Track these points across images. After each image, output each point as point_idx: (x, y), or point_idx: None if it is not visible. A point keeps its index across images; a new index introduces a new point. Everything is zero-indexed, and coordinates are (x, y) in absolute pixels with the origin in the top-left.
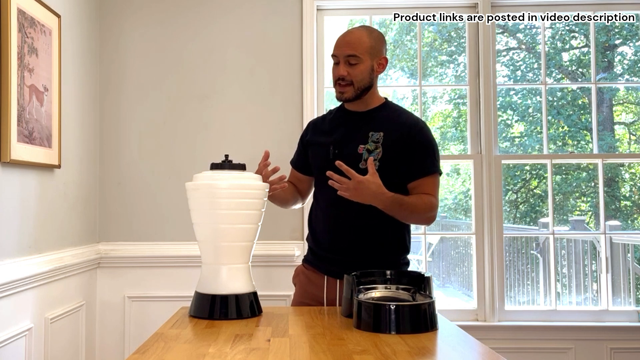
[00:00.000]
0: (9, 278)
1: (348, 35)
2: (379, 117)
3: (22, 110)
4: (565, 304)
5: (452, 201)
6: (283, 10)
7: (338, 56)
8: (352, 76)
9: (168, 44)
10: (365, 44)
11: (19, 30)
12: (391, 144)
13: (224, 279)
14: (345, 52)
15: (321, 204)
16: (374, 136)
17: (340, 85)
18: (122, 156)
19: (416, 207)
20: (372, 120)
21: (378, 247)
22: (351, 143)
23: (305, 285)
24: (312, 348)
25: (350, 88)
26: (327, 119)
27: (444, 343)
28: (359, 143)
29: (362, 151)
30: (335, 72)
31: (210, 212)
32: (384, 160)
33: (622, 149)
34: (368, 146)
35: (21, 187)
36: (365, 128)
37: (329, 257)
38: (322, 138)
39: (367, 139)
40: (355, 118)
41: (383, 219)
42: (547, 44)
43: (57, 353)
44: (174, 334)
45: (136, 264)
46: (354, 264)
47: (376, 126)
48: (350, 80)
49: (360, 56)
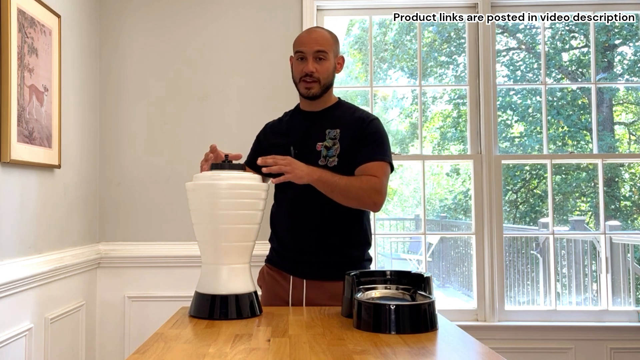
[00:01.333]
0: (9, 278)
1: (314, 32)
2: (334, 115)
3: (22, 110)
4: (565, 304)
5: (452, 201)
6: (283, 11)
7: (305, 52)
8: (320, 73)
9: (168, 44)
10: (330, 42)
11: (19, 30)
12: (347, 139)
13: (224, 279)
14: (314, 48)
15: (283, 205)
16: (330, 133)
17: (307, 81)
18: (122, 156)
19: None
20: (328, 118)
21: (342, 244)
22: (309, 141)
23: (272, 287)
24: (312, 348)
25: (317, 84)
26: (283, 120)
27: (444, 343)
28: (317, 141)
29: (320, 148)
30: (301, 68)
31: (210, 212)
32: (342, 155)
33: (622, 149)
34: (326, 143)
35: (21, 187)
36: (322, 126)
37: (293, 258)
38: (281, 139)
39: (324, 137)
40: (311, 117)
41: (344, 216)
42: (547, 44)
43: (57, 353)
44: (174, 334)
45: (136, 264)
46: (319, 263)
47: (332, 124)
48: (317, 77)
49: (328, 53)
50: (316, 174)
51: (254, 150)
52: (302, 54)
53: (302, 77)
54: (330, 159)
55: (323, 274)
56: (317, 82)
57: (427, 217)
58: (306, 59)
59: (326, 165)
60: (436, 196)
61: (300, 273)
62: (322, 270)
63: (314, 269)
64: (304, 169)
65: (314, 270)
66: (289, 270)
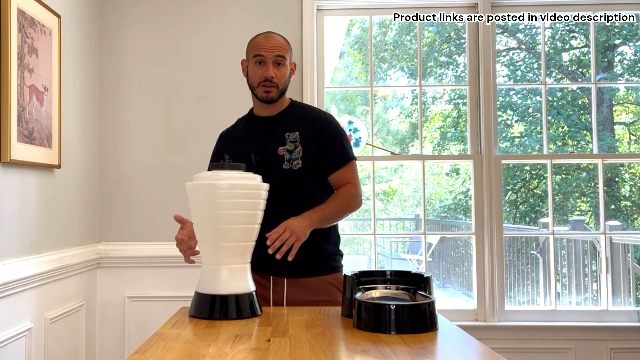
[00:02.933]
0: (9, 278)
1: (272, 37)
2: (290, 117)
3: (22, 110)
4: (565, 304)
5: (452, 201)
6: (283, 10)
7: (266, 57)
8: (278, 78)
9: (168, 44)
10: (287, 48)
11: (19, 30)
12: (307, 140)
13: (224, 279)
14: (274, 53)
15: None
16: (290, 136)
17: (266, 86)
18: (122, 156)
19: (339, 207)
20: (285, 121)
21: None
22: (270, 147)
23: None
24: (312, 348)
25: (275, 89)
26: (238, 128)
27: (444, 343)
28: (278, 145)
29: (282, 152)
30: (260, 73)
31: (210, 212)
32: (305, 157)
33: (622, 149)
34: (287, 147)
35: (21, 187)
36: (280, 130)
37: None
38: (238, 148)
39: (284, 140)
40: (268, 122)
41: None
42: (547, 44)
43: (57, 353)
44: (174, 334)
45: (136, 264)
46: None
47: (290, 126)
48: (276, 82)
49: (286, 59)
50: (312, 220)
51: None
52: (262, 59)
53: (261, 82)
54: (295, 162)
55: (302, 270)
56: (276, 87)
57: (427, 217)
58: (265, 64)
59: (291, 168)
60: (436, 196)
61: (280, 272)
62: (301, 266)
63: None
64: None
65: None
66: (268, 271)
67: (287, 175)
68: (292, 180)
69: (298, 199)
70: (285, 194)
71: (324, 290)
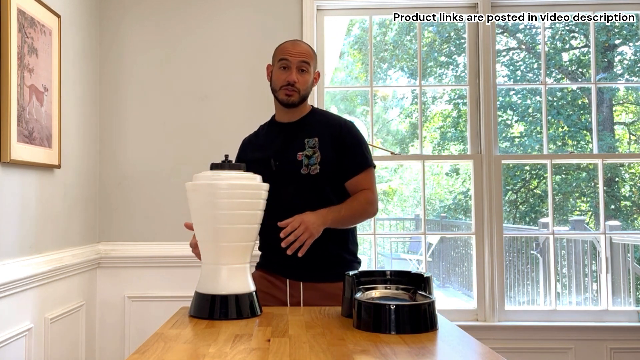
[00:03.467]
0: (9, 278)
1: (298, 44)
2: (310, 123)
3: (22, 110)
4: (565, 304)
5: (452, 201)
6: (283, 10)
7: (290, 62)
8: (301, 83)
9: (168, 44)
10: (313, 56)
11: (19, 30)
12: (326, 146)
13: (224, 279)
14: (299, 59)
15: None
16: (309, 142)
17: (288, 90)
18: (122, 156)
19: (355, 210)
20: (304, 127)
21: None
22: (289, 152)
23: (268, 289)
24: (312, 348)
25: (297, 94)
26: (260, 134)
27: (444, 343)
28: (297, 151)
29: (301, 158)
30: (284, 77)
31: (210, 212)
32: (323, 163)
33: (622, 149)
34: (306, 152)
35: (21, 187)
36: (300, 136)
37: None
38: (260, 153)
39: (304, 146)
40: (288, 128)
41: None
42: (547, 44)
43: (57, 353)
44: (174, 334)
45: (136, 264)
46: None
47: (310, 132)
48: (298, 87)
49: (310, 66)
50: (327, 219)
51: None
52: (287, 63)
53: (284, 86)
54: (312, 167)
55: (319, 275)
56: (298, 92)
57: (427, 217)
58: (290, 69)
59: (309, 174)
60: (436, 196)
61: (296, 276)
62: (317, 272)
63: (309, 272)
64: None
65: (309, 272)
66: (285, 274)
67: (305, 180)
68: (309, 185)
69: (314, 203)
70: (302, 198)
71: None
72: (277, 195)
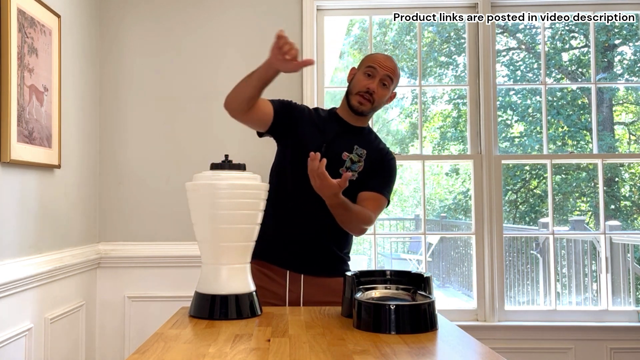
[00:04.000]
0: (9, 278)
1: (390, 60)
2: (365, 136)
3: (22, 110)
4: (565, 304)
5: (452, 201)
6: (283, 10)
7: (378, 71)
8: (378, 95)
9: (168, 44)
10: (398, 76)
11: (19, 30)
12: (370, 163)
13: (223, 279)
14: (386, 72)
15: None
16: (358, 150)
17: (364, 97)
18: (122, 156)
19: (357, 215)
20: (359, 135)
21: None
22: (339, 147)
23: (266, 284)
24: (312, 348)
25: (370, 104)
26: (319, 113)
27: (444, 343)
28: (345, 150)
29: (346, 158)
30: (365, 83)
31: (210, 212)
32: (361, 174)
33: (622, 149)
34: (352, 156)
35: (21, 187)
36: (353, 140)
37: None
38: (314, 132)
39: (352, 149)
40: (346, 127)
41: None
42: (547, 44)
43: (57, 353)
44: (174, 334)
45: (136, 264)
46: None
47: (362, 143)
48: (374, 98)
49: (392, 83)
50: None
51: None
52: (373, 72)
53: (361, 92)
54: (351, 173)
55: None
56: (371, 102)
57: (427, 217)
58: (373, 77)
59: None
60: (436, 196)
61: (297, 268)
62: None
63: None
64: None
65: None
66: (286, 266)
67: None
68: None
69: None
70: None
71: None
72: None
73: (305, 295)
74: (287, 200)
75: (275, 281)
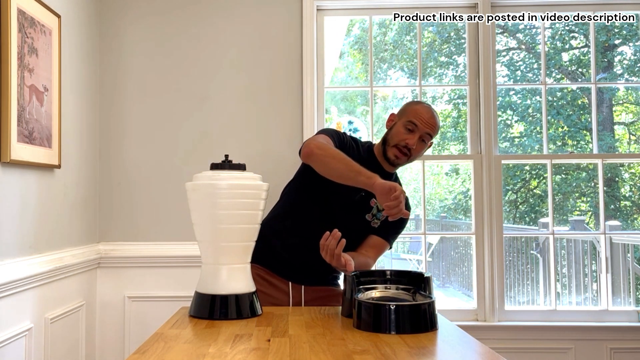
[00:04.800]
0: (9, 278)
1: (433, 116)
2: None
3: (22, 110)
4: (565, 304)
5: (451, 201)
6: (283, 10)
7: (419, 128)
8: (415, 152)
9: (168, 44)
10: (437, 131)
11: (19, 30)
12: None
13: (224, 279)
14: (427, 130)
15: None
16: None
17: (402, 152)
18: (122, 156)
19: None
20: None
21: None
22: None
23: (269, 290)
24: (312, 348)
25: (406, 159)
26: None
27: (444, 343)
28: (372, 197)
29: (373, 205)
30: (405, 138)
31: (210, 212)
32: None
33: (622, 149)
34: (378, 205)
35: (21, 187)
36: None
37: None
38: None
39: None
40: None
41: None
42: (547, 44)
43: (57, 353)
44: (174, 334)
45: (136, 264)
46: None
47: None
48: (411, 154)
49: (432, 139)
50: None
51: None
52: (415, 128)
53: (400, 145)
54: (375, 221)
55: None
56: (407, 157)
57: (427, 217)
58: (414, 133)
59: (369, 223)
60: (436, 196)
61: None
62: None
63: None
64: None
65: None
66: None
67: (362, 224)
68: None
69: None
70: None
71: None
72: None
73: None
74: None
75: (276, 287)
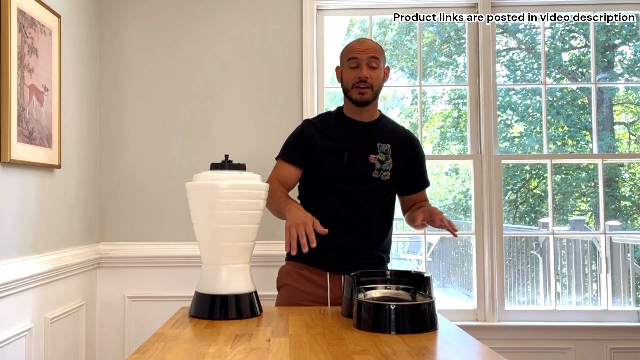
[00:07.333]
0: (9, 278)
1: (365, 42)
2: (382, 128)
3: (22, 110)
4: (565, 304)
5: (451, 201)
6: (283, 10)
7: (360, 59)
8: (373, 79)
9: (168, 44)
10: (380, 51)
11: (19, 30)
12: (398, 156)
13: (224, 279)
14: (368, 55)
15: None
16: (382, 147)
17: (361, 87)
18: (122, 156)
19: None
20: (376, 130)
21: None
22: (363, 152)
23: (304, 286)
24: (312, 348)
25: (370, 90)
26: (327, 122)
27: (444, 343)
28: (370, 153)
29: (373, 161)
30: (356, 74)
31: (210, 212)
32: (394, 171)
33: (622, 149)
34: (379, 157)
35: (21, 187)
36: (372, 138)
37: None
38: (330, 143)
39: (376, 150)
40: (361, 127)
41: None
42: (547, 44)
43: (57, 353)
44: (174, 334)
45: (136, 264)
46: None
47: (382, 137)
48: (371, 83)
49: (380, 61)
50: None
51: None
52: (357, 61)
53: (356, 84)
54: (384, 173)
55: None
56: (370, 88)
57: None
58: (360, 66)
59: (379, 178)
60: (436, 196)
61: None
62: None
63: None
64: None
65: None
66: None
67: (374, 183)
68: (377, 189)
69: (378, 205)
70: (368, 199)
71: None
72: (340, 190)
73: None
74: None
75: (314, 282)
